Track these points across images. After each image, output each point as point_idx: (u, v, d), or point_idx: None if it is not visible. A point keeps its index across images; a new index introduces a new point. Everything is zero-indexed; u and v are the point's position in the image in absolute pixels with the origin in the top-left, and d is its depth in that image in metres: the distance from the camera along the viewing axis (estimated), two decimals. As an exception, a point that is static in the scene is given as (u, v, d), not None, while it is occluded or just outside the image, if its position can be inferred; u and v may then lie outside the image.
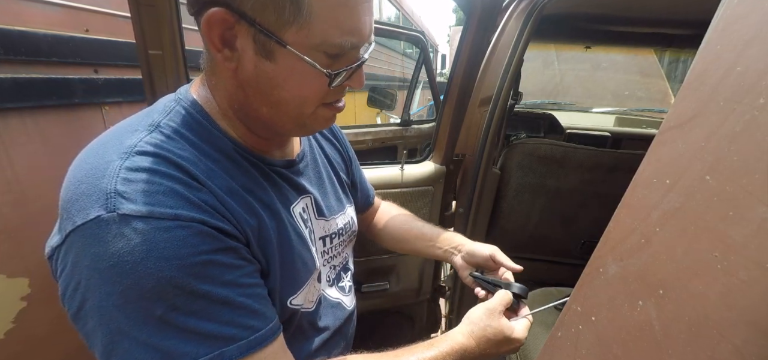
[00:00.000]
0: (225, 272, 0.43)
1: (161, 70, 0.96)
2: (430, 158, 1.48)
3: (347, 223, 0.73)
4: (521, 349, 1.21)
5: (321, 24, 0.41)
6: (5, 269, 1.06)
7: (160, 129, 0.46)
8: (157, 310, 0.39)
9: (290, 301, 0.55)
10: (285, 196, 0.57)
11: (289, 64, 0.43)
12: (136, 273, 0.38)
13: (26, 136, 1.09)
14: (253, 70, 0.44)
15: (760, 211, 0.23)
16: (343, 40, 0.43)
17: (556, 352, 0.40)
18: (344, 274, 0.75)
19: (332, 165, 0.75)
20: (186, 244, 0.40)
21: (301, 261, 0.57)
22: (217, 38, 0.42)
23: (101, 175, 0.40)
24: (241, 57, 0.43)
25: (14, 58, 1.04)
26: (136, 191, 0.39)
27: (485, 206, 1.59)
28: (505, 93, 1.37)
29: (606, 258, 0.35)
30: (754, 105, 0.25)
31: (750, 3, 0.28)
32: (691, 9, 1.36)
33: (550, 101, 2.73)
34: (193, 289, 0.40)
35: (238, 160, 0.51)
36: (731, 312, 0.24)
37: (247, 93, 0.47)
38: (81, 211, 0.39)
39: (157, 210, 0.39)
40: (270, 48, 0.42)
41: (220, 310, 0.42)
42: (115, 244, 0.38)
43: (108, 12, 1.32)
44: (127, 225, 0.38)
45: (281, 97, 0.46)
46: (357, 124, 1.97)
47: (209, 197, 0.44)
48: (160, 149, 0.43)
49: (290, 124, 0.50)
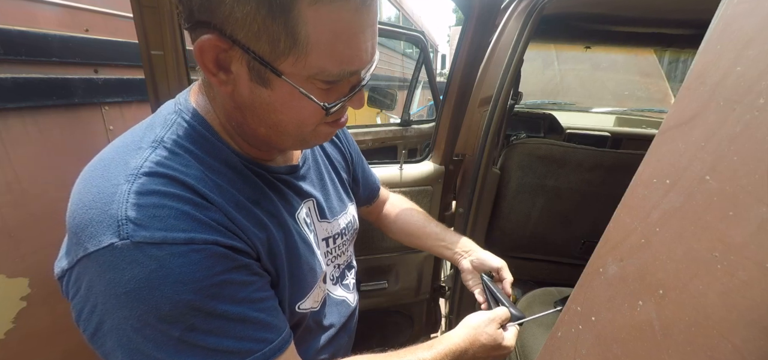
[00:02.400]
0: (239, 290, 0.44)
1: (163, 71, 0.97)
2: (430, 158, 1.48)
3: (349, 222, 0.74)
4: (521, 349, 1.21)
5: (318, 55, 0.39)
6: (5, 269, 1.06)
7: (163, 145, 0.44)
8: (175, 332, 0.40)
9: (299, 307, 0.57)
10: (289, 203, 0.58)
11: (285, 91, 0.42)
12: (153, 298, 0.38)
13: (26, 136, 1.09)
14: (249, 94, 0.43)
15: (760, 211, 0.23)
16: (340, 70, 0.41)
17: (556, 352, 0.40)
18: (348, 272, 0.77)
19: (334, 165, 0.75)
20: (201, 267, 0.40)
21: (308, 267, 0.58)
22: (211, 62, 0.40)
23: (110, 200, 0.39)
24: (236, 81, 0.42)
25: (14, 58, 1.04)
26: (147, 217, 0.39)
27: (485, 206, 1.59)
28: (505, 93, 1.37)
29: (606, 258, 0.35)
30: (754, 105, 0.25)
31: (750, 3, 0.28)
32: (691, 9, 1.36)
33: (550, 101, 2.73)
34: (210, 309, 0.41)
35: (242, 171, 0.50)
36: (731, 312, 0.24)
37: (244, 114, 0.46)
38: (92, 238, 0.39)
39: (170, 235, 0.39)
40: (265, 76, 0.40)
41: (235, 326, 0.43)
42: (131, 270, 0.38)
43: (108, 12, 1.32)
44: (142, 252, 0.38)
45: (279, 120, 0.45)
46: (357, 124, 1.97)
47: (219, 216, 0.44)
48: (166, 169, 0.42)
49: (290, 142, 0.50)
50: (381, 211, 0.96)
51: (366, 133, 1.81)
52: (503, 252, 1.89)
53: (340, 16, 0.38)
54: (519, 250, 1.92)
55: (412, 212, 0.94)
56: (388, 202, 0.98)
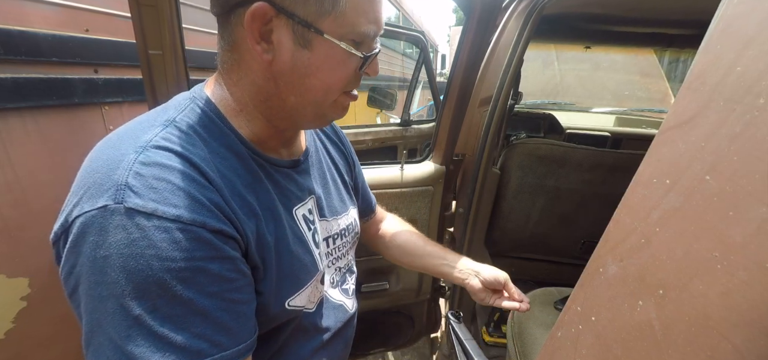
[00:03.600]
0: (212, 283, 0.43)
1: (161, 70, 0.96)
2: (430, 158, 1.48)
3: (350, 224, 0.73)
4: (521, 349, 1.21)
5: (352, 14, 0.46)
6: (5, 269, 1.06)
7: (175, 124, 0.47)
8: (136, 310, 0.39)
9: (288, 303, 0.55)
10: (287, 197, 0.58)
11: (324, 51, 0.47)
12: (127, 267, 0.39)
13: (26, 136, 1.09)
14: (290, 60, 0.47)
15: (760, 211, 0.23)
16: (368, 28, 0.48)
17: (556, 352, 0.40)
18: (349, 277, 0.75)
19: (336, 166, 0.75)
20: (181, 247, 0.40)
21: (299, 263, 0.57)
22: (257, 33, 0.45)
23: (115, 166, 0.41)
24: (276, 49, 0.47)
25: (14, 58, 1.04)
26: (145, 186, 0.40)
27: (485, 206, 1.59)
28: (505, 93, 1.37)
29: (606, 258, 0.35)
30: (754, 105, 0.25)
31: (750, 3, 0.28)
32: (691, 9, 1.36)
33: (550, 101, 2.73)
34: (176, 293, 0.40)
35: (245, 158, 0.52)
36: (731, 312, 0.24)
37: (278, 83, 0.49)
38: (90, 199, 0.40)
39: (161, 208, 0.40)
40: (308, 38, 0.46)
41: (195, 320, 0.42)
42: (115, 235, 0.39)
43: (108, 12, 1.32)
44: (131, 219, 0.39)
45: (311, 84, 0.49)
46: (357, 124, 1.97)
47: (216, 197, 0.45)
48: (173, 145, 0.45)
49: (311, 113, 0.53)
50: (377, 230, 0.95)
51: (366, 133, 1.81)
52: (503, 252, 1.90)
53: None
54: (519, 250, 1.92)
55: (409, 233, 0.92)
56: (384, 222, 0.97)
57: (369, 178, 1.37)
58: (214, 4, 0.47)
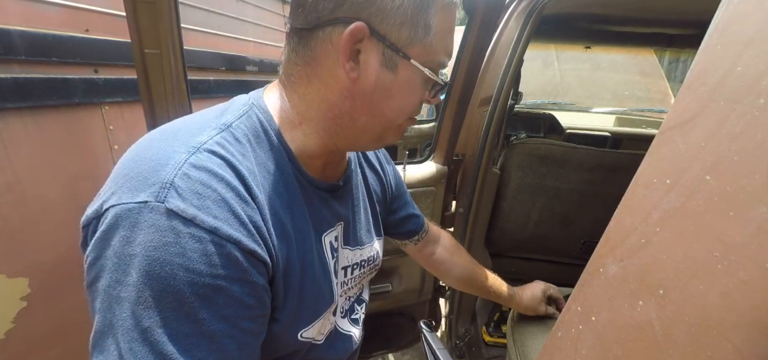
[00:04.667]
0: (229, 305, 0.41)
1: (158, 71, 0.91)
2: (432, 158, 1.48)
3: (372, 256, 0.71)
4: (521, 349, 1.21)
5: (437, 44, 0.48)
6: (5, 269, 1.06)
7: (231, 130, 0.46)
8: (146, 321, 0.38)
9: (302, 334, 0.54)
10: (319, 221, 0.56)
11: (406, 76, 0.49)
12: (151, 271, 0.37)
13: (26, 136, 1.09)
14: (374, 80, 0.48)
15: (760, 211, 0.23)
16: (444, 59, 0.51)
17: (556, 352, 0.40)
18: (358, 306, 0.73)
19: (371, 195, 0.73)
20: (210, 262, 0.39)
21: (319, 292, 0.55)
22: (348, 52, 0.45)
23: (165, 162, 0.40)
24: (363, 69, 0.47)
25: (14, 58, 1.04)
26: (190, 191, 0.39)
27: (485, 206, 1.59)
28: (505, 93, 1.37)
29: (606, 258, 0.35)
30: (754, 105, 0.25)
31: (750, 3, 0.28)
32: (691, 9, 1.36)
33: (550, 101, 2.72)
34: (191, 310, 0.39)
35: (289, 177, 0.51)
36: (731, 312, 0.24)
37: (354, 102, 0.49)
38: (131, 191, 0.39)
39: (200, 216, 0.39)
40: (395, 61, 0.47)
41: (200, 342, 0.40)
42: (148, 234, 0.37)
43: (108, 12, 1.32)
44: (168, 220, 0.37)
45: (387, 106, 0.50)
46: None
47: (256, 215, 0.44)
48: (226, 152, 0.43)
49: (376, 134, 0.53)
50: (432, 253, 0.92)
51: (366, 133, 1.81)
52: (503, 252, 1.90)
53: (452, 17, 0.49)
54: (519, 250, 1.92)
55: (467, 265, 0.95)
56: (441, 244, 0.94)
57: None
58: (300, 18, 0.47)
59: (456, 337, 1.74)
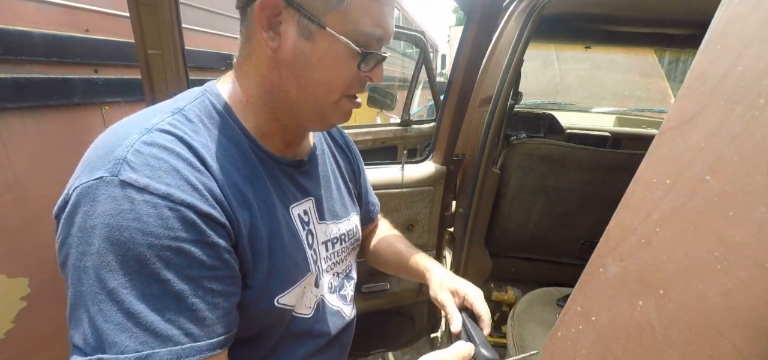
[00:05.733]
0: (191, 266, 0.43)
1: (160, 70, 0.94)
2: (431, 158, 1.48)
3: (351, 230, 0.73)
4: (521, 349, 1.21)
5: (356, 12, 0.48)
6: (5, 269, 1.06)
7: (183, 112, 0.50)
8: (111, 282, 0.39)
9: (278, 300, 0.55)
10: (286, 195, 0.59)
11: (325, 45, 0.49)
12: (111, 237, 0.39)
13: (26, 136, 1.09)
14: (292, 50, 0.49)
15: (760, 211, 0.23)
16: (372, 31, 0.50)
17: (556, 352, 0.40)
18: (347, 283, 0.75)
19: (342, 173, 0.75)
20: (166, 225, 0.41)
21: (291, 260, 0.57)
22: (266, 21, 0.48)
23: (119, 143, 0.43)
24: (282, 39, 0.49)
25: (14, 58, 1.04)
26: (142, 163, 0.42)
27: (485, 206, 1.59)
28: (505, 93, 1.37)
29: (606, 258, 0.35)
30: (754, 105, 0.25)
31: (750, 3, 0.28)
32: (691, 9, 1.37)
33: (550, 101, 2.73)
34: (154, 270, 0.41)
35: (247, 152, 0.54)
36: (731, 312, 0.24)
37: (280, 73, 0.51)
38: (90, 172, 0.42)
39: (152, 184, 0.41)
40: (311, 30, 0.48)
41: (167, 302, 0.41)
42: (105, 205, 0.40)
43: (108, 12, 1.32)
44: (123, 191, 0.40)
45: (312, 77, 0.51)
46: (357, 123, 1.97)
47: (211, 182, 0.46)
48: (177, 130, 0.46)
49: (313, 110, 0.54)
50: (368, 238, 0.94)
51: (366, 133, 1.81)
52: (503, 252, 1.90)
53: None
54: (519, 250, 1.92)
55: (387, 239, 0.91)
56: (376, 231, 0.96)
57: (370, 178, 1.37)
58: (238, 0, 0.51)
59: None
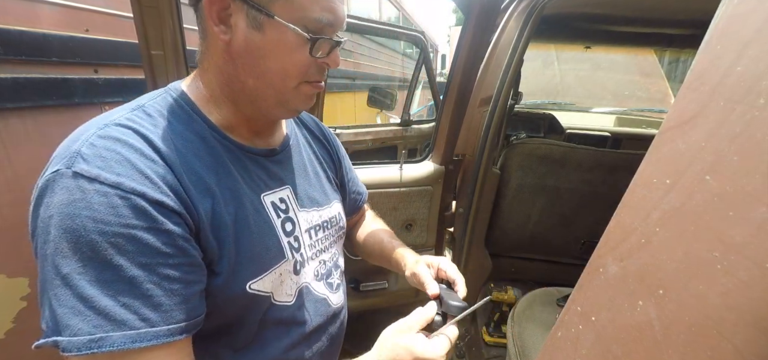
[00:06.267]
0: (144, 253, 0.43)
1: (163, 70, 0.97)
2: (430, 158, 1.48)
3: (333, 217, 0.73)
4: (521, 349, 1.21)
5: (304, 0, 0.49)
6: (5, 269, 1.06)
7: (142, 108, 0.51)
8: (65, 268, 0.41)
9: (250, 286, 0.55)
10: (256, 183, 0.59)
11: (275, 34, 0.50)
12: (64, 225, 0.41)
13: (26, 136, 1.09)
14: (244, 41, 0.50)
15: (760, 211, 0.23)
16: (320, 16, 0.50)
17: (556, 352, 0.40)
18: (335, 271, 0.74)
19: (320, 161, 0.76)
20: (116, 213, 0.42)
21: (262, 247, 0.57)
22: (216, 15, 0.49)
23: (77, 139, 0.45)
24: (233, 31, 0.50)
25: (14, 58, 1.04)
26: (94, 155, 0.43)
27: (485, 206, 1.59)
28: (505, 93, 1.37)
29: (606, 258, 0.35)
30: (754, 105, 0.25)
31: (750, 3, 0.28)
32: (691, 9, 1.37)
33: (550, 101, 2.73)
34: (107, 257, 0.42)
35: (210, 142, 0.54)
36: (731, 312, 0.24)
37: (236, 65, 0.52)
38: (51, 166, 0.44)
39: (103, 174, 0.42)
40: (260, 20, 0.49)
41: (123, 288, 0.42)
42: (60, 196, 0.42)
43: (108, 12, 1.32)
44: (75, 182, 0.42)
45: (267, 67, 0.52)
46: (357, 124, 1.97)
47: (164, 171, 0.47)
48: (134, 124, 0.48)
49: (273, 98, 0.55)
50: (355, 229, 0.93)
51: (366, 133, 1.81)
52: (503, 252, 1.90)
53: None
54: (519, 250, 1.92)
55: (373, 233, 0.90)
56: (364, 221, 0.96)
57: (368, 178, 1.37)
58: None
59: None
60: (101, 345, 0.41)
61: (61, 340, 0.40)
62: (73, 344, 0.40)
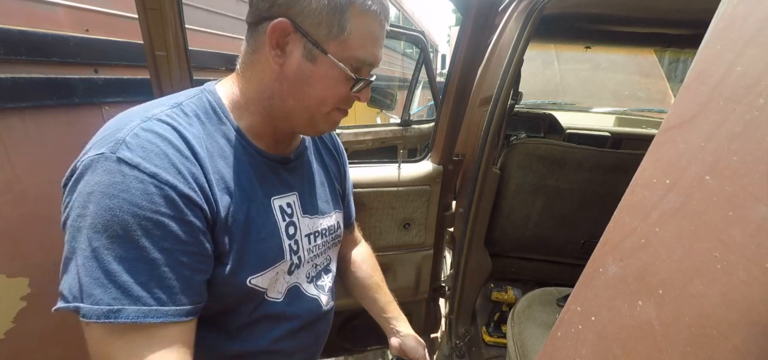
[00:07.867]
0: (167, 239, 0.48)
1: (166, 71, 0.99)
2: (428, 158, 1.48)
3: (332, 226, 0.78)
4: (521, 349, 1.21)
5: (355, 43, 0.57)
6: (5, 269, 1.06)
7: (180, 107, 0.56)
8: (96, 241, 0.45)
9: (250, 280, 0.61)
10: (269, 187, 0.64)
11: (325, 68, 0.57)
12: (102, 203, 0.45)
13: (26, 136, 1.09)
14: (296, 68, 0.57)
15: (760, 211, 0.23)
16: (365, 58, 0.59)
17: (556, 352, 0.40)
18: (325, 275, 0.79)
19: (328, 172, 0.81)
20: (150, 199, 0.47)
21: (266, 246, 0.62)
22: (275, 41, 0.56)
23: (122, 127, 0.49)
24: (288, 57, 0.57)
25: (14, 58, 1.04)
26: (137, 145, 0.48)
27: (485, 206, 1.59)
28: (505, 93, 1.37)
29: (606, 258, 0.35)
30: (754, 105, 0.25)
31: (750, 3, 0.28)
32: (691, 9, 1.37)
33: (550, 101, 2.73)
34: (134, 237, 0.46)
35: (236, 146, 0.60)
36: (731, 312, 0.24)
37: (281, 86, 0.59)
38: (95, 148, 0.48)
39: (143, 163, 0.47)
40: (314, 54, 0.56)
41: (142, 267, 0.47)
42: (101, 176, 0.46)
43: (108, 12, 1.32)
44: (118, 166, 0.46)
45: (309, 93, 0.59)
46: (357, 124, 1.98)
47: (196, 169, 0.52)
48: (173, 121, 0.53)
49: (305, 119, 0.62)
50: (345, 251, 0.97)
51: (366, 133, 1.81)
52: (503, 252, 1.91)
53: (372, 25, 0.58)
54: (519, 250, 1.92)
55: (366, 270, 0.97)
56: (356, 249, 0.99)
57: (366, 177, 1.37)
58: (249, 15, 0.59)
59: (456, 337, 1.74)
60: (117, 316, 0.45)
61: (83, 307, 0.45)
62: (93, 312, 0.45)
